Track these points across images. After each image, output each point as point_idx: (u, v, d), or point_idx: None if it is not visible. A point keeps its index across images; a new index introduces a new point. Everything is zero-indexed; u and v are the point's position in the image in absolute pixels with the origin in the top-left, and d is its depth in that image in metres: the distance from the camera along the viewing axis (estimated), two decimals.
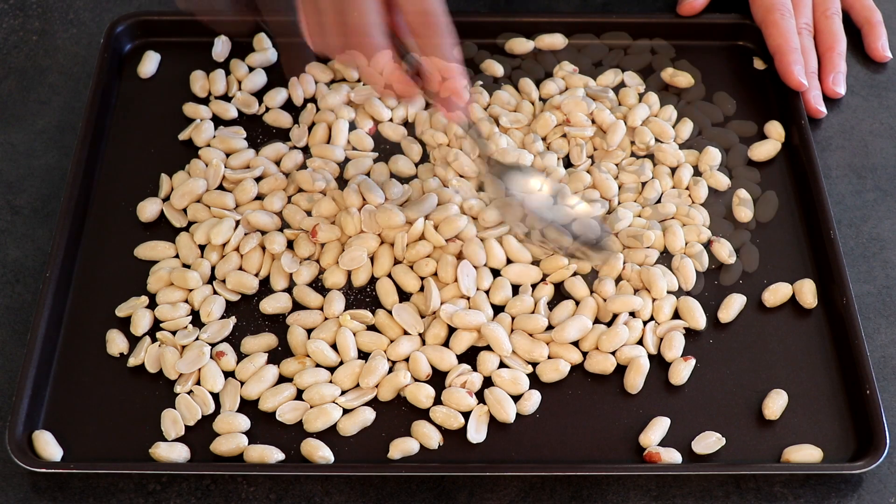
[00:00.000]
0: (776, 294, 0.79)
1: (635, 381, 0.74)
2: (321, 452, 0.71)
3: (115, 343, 0.76)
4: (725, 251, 0.80)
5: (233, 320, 0.77)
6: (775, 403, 0.73)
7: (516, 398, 0.74)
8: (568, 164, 0.85)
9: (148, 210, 0.82)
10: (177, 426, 0.72)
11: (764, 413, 0.73)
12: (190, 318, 0.77)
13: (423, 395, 0.73)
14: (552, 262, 0.79)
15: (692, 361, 0.75)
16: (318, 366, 0.75)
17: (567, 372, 0.74)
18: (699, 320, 0.77)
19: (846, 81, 0.91)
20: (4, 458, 0.71)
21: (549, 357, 0.75)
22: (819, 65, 0.91)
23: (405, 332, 0.76)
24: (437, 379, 0.75)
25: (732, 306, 0.78)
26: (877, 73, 0.93)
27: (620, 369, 0.75)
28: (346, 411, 0.73)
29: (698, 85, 0.90)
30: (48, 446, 0.71)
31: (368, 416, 0.73)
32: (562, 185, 0.81)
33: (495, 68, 0.91)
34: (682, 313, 0.77)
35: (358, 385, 0.74)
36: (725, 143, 0.86)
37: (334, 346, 0.76)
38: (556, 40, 0.92)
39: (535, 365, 0.75)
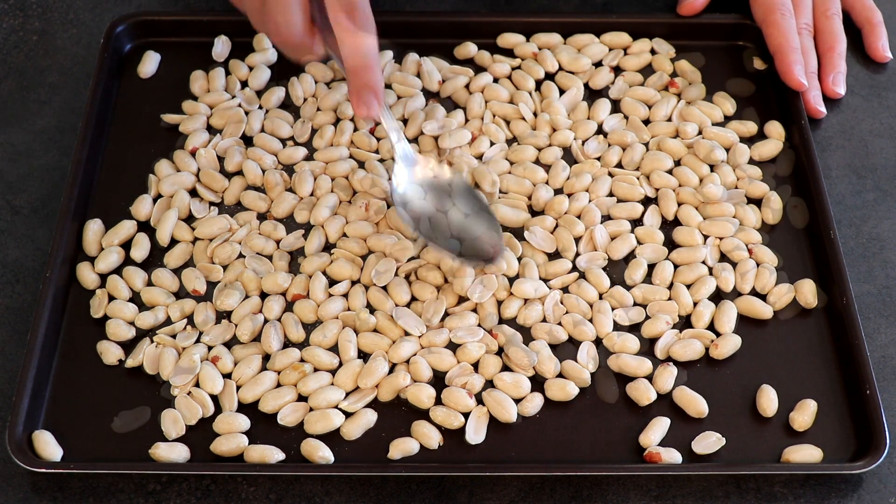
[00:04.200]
0: (776, 294, 0.79)
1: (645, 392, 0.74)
2: (321, 452, 0.71)
3: (110, 352, 0.75)
4: (770, 257, 0.80)
5: (234, 326, 0.77)
6: (775, 403, 0.73)
7: (517, 400, 0.74)
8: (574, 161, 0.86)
9: (143, 210, 0.82)
10: (177, 426, 0.72)
11: (763, 413, 0.73)
12: (186, 321, 0.77)
13: (424, 395, 0.73)
14: (557, 268, 0.80)
15: (673, 369, 0.75)
16: (316, 370, 0.75)
17: (574, 395, 0.74)
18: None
19: (846, 81, 0.91)
20: (4, 458, 0.71)
21: (559, 375, 0.75)
22: (819, 65, 0.91)
23: (406, 333, 0.76)
24: (439, 379, 0.75)
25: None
26: (877, 73, 0.93)
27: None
28: (348, 415, 0.73)
29: (698, 85, 0.90)
30: (48, 446, 0.71)
31: (371, 417, 0.73)
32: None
33: (495, 68, 0.91)
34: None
35: (358, 387, 0.74)
36: (726, 143, 0.86)
37: (329, 348, 0.76)
38: (553, 40, 0.93)
39: (543, 379, 0.75)
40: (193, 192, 0.84)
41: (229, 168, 0.85)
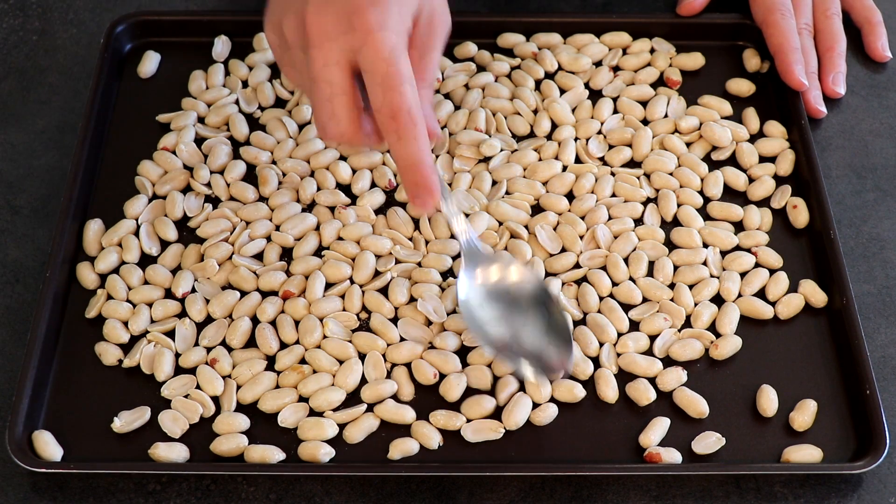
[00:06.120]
0: (777, 294, 0.78)
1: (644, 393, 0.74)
2: (321, 452, 0.71)
3: (110, 353, 0.75)
4: (772, 258, 0.80)
5: (230, 326, 0.77)
6: (775, 403, 0.73)
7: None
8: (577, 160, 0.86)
9: (134, 210, 0.82)
10: (177, 425, 0.72)
11: (763, 413, 0.73)
12: (176, 316, 0.77)
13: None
14: (561, 262, 0.79)
15: (683, 372, 0.75)
16: (315, 371, 0.75)
17: (581, 397, 0.74)
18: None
19: (846, 81, 0.91)
20: (4, 458, 0.71)
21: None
22: (819, 65, 0.91)
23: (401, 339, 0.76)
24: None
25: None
26: (877, 73, 0.93)
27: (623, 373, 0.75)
28: (343, 425, 0.72)
29: (698, 84, 0.90)
30: (48, 446, 0.71)
31: (373, 422, 0.72)
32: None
33: (495, 67, 0.91)
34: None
35: (357, 393, 0.74)
36: (726, 143, 0.86)
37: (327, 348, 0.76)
38: (553, 40, 0.93)
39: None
40: (187, 190, 0.84)
41: (228, 168, 0.85)
